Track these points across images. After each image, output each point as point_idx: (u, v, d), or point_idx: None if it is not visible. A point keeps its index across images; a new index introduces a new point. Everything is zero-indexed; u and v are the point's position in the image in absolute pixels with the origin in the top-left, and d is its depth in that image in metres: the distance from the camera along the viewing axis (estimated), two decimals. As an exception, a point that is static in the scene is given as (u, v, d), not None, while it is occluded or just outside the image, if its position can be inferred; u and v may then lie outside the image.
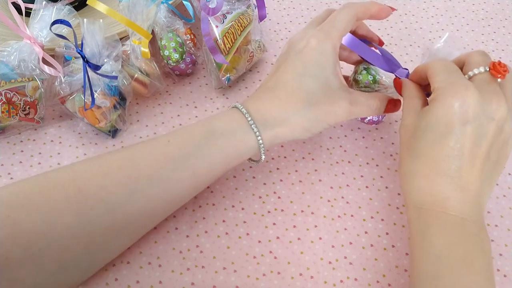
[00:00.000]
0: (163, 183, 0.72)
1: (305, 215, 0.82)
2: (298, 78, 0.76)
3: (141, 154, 0.74)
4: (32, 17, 0.86)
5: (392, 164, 0.88)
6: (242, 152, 0.76)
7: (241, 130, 0.75)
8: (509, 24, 1.11)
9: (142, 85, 0.91)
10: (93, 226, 0.68)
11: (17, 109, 0.85)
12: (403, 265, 0.77)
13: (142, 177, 0.71)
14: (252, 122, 0.75)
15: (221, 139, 0.75)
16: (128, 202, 0.70)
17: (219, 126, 0.76)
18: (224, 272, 0.76)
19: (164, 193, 0.73)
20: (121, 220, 0.70)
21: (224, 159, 0.75)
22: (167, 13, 0.93)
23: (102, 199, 0.69)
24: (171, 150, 0.74)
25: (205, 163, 0.74)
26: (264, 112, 0.76)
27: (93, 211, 0.68)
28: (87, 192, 0.68)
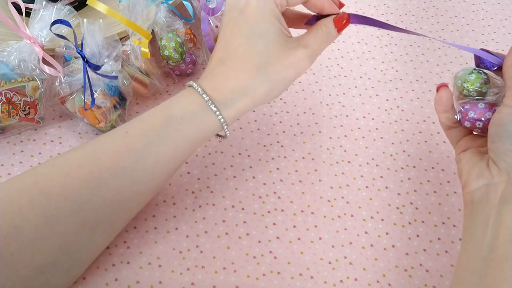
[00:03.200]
0: (127, 174, 0.70)
1: (305, 215, 0.82)
2: (246, 41, 0.73)
3: (100, 149, 0.72)
4: (32, 17, 0.86)
5: (392, 164, 0.88)
6: (206, 133, 0.74)
7: (201, 112, 0.73)
8: (509, 24, 1.11)
9: (142, 85, 0.91)
10: (62, 226, 0.67)
11: (17, 109, 0.85)
12: (403, 265, 0.78)
13: (105, 170, 0.69)
14: (211, 102, 0.72)
15: (181, 124, 0.72)
16: (94, 197, 0.69)
17: (177, 110, 0.73)
18: (224, 272, 0.76)
19: (132, 184, 0.71)
20: (92, 216, 0.69)
21: (188, 143, 0.73)
22: (167, 13, 0.93)
23: (65, 198, 0.67)
24: (131, 141, 0.72)
25: (169, 150, 0.72)
26: (221, 89, 0.73)
27: (58, 211, 0.67)
28: (49, 193, 0.68)
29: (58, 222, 0.67)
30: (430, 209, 0.83)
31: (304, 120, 0.94)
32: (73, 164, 0.71)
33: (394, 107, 0.96)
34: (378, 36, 1.08)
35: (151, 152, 0.71)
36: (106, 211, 0.70)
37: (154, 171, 0.72)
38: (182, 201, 0.83)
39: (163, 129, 0.72)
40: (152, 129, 0.72)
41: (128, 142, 0.72)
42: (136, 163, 0.70)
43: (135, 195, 0.73)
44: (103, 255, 0.77)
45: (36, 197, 0.67)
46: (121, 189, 0.70)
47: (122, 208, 0.72)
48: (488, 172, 0.64)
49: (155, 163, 0.72)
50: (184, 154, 0.74)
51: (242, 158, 0.89)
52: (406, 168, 0.88)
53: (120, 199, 0.71)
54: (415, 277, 0.77)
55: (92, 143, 0.74)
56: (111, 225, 0.73)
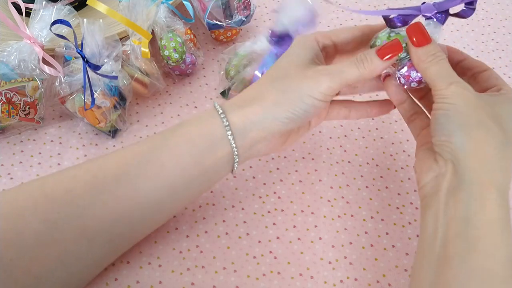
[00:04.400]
0: (130, 181, 0.69)
1: (305, 215, 0.82)
2: (277, 62, 0.75)
3: (109, 155, 0.72)
4: (32, 17, 0.86)
5: (392, 164, 0.88)
6: (211, 140, 0.71)
7: (208, 116, 0.72)
8: (509, 24, 1.11)
9: (142, 85, 0.91)
10: (62, 233, 0.66)
11: (17, 109, 0.85)
12: (403, 265, 0.78)
13: (109, 176, 0.69)
14: (218, 106, 0.72)
15: (186, 127, 0.72)
16: (96, 204, 0.68)
17: (188, 119, 0.74)
18: (224, 272, 0.76)
19: (133, 192, 0.69)
20: (92, 225, 0.68)
21: (192, 150, 0.71)
22: (167, 13, 0.93)
23: (68, 202, 0.67)
24: (138, 147, 0.72)
25: (171, 154, 0.71)
26: (236, 99, 0.74)
27: (60, 215, 0.66)
28: (53, 196, 0.67)
29: (58, 229, 0.66)
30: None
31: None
32: (81, 169, 0.71)
33: (394, 107, 0.96)
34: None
35: (155, 156, 0.70)
36: (106, 221, 0.69)
37: (157, 179, 0.70)
38: (182, 201, 0.83)
39: (169, 133, 0.72)
40: (160, 135, 0.73)
41: (136, 148, 0.72)
42: (139, 168, 0.70)
43: (137, 206, 0.70)
44: (103, 255, 0.77)
45: (40, 200, 0.67)
46: (123, 198, 0.69)
47: (122, 220, 0.70)
48: (436, 164, 0.64)
49: (158, 169, 0.70)
50: (186, 164, 0.71)
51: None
52: (406, 168, 0.88)
53: (121, 210, 0.69)
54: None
55: (105, 154, 0.74)
56: (110, 239, 0.71)
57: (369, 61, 0.69)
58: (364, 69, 0.69)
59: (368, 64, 0.69)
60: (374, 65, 0.69)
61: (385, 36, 0.71)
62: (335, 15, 1.11)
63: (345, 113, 0.80)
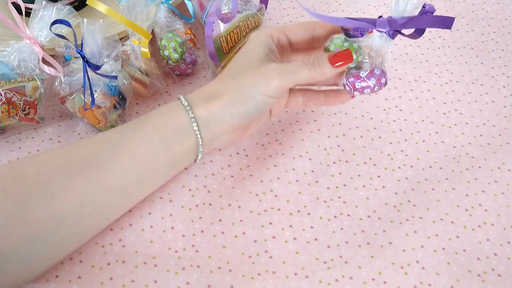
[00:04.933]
0: (101, 166, 0.72)
1: (301, 215, 0.82)
2: (234, 59, 0.81)
3: (81, 141, 0.76)
4: (32, 17, 0.86)
5: (389, 164, 0.89)
6: (178, 130, 0.76)
7: (175, 109, 0.77)
8: (509, 24, 1.11)
9: (142, 85, 0.92)
10: (31, 214, 0.68)
11: (17, 109, 0.86)
12: (400, 262, 0.78)
13: (81, 160, 0.72)
14: (184, 100, 0.77)
15: (155, 118, 0.77)
16: (66, 187, 0.70)
17: (155, 110, 0.80)
18: (219, 272, 0.77)
19: (104, 176, 0.72)
20: (61, 207, 0.69)
21: (162, 139, 0.76)
22: (167, 13, 0.93)
23: (39, 184, 0.69)
24: (110, 134, 0.77)
25: (142, 143, 0.75)
26: (198, 93, 0.79)
27: (29, 197, 0.68)
28: (23, 178, 0.69)
29: (28, 210, 0.68)
30: (428, 206, 0.84)
31: (303, 118, 0.95)
32: (52, 153, 0.74)
33: (393, 107, 0.96)
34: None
35: (126, 144, 0.74)
36: (76, 203, 0.70)
37: (128, 166, 0.74)
38: (179, 199, 0.83)
39: (139, 123, 0.77)
40: (130, 124, 0.77)
41: (108, 135, 0.76)
42: (111, 154, 0.73)
43: (106, 189, 0.73)
44: (98, 254, 0.77)
45: (9, 181, 0.69)
46: (94, 181, 0.72)
47: (91, 203, 0.72)
48: None
49: (129, 156, 0.74)
50: (157, 152, 0.76)
51: (240, 158, 0.89)
52: (403, 167, 0.88)
53: (90, 192, 0.71)
54: (411, 275, 0.77)
55: (79, 140, 0.78)
56: (78, 221, 0.72)
57: (321, 65, 0.74)
58: (314, 72, 0.75)
59: (320, 68, 0.74)
60: (325, 70, 0.74)
61: (339, 43, 0.76)
62: (286, 12, 1.13)
63: (304, 101, 0.85)
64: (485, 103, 0.97)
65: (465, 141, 0.92)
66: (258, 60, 0.77)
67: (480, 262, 0.79)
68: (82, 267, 0.76)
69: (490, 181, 0.87)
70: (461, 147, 0.91)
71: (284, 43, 0.82)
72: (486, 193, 0.86)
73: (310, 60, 0.74)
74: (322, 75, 0.75)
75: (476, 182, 0.87)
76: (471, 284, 0.77)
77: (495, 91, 0.99)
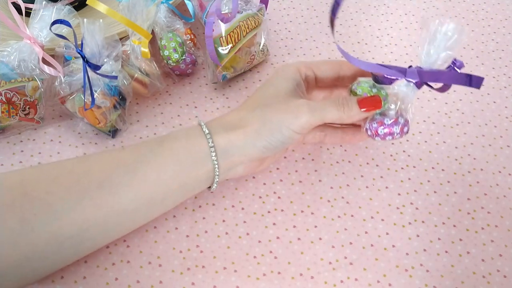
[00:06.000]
0: (112, 189, 0.70)
1: (305, 215, 0.82)
2: (258, 90, 0.79)
3: (94, 159, 0.74)
4: (32, 17, 0.86)
5: (392, 164, 0.88)
6: (195, 158, 0.74)
7: (195, 135, 0.75)
8: (509, 24, 1.11)
9: (142, 85, 0.91)
10: (36, 234, 0.67)
11: (17, 109, 0.85)
12: (404, 265, 0.78)
13: (92, 181, 0.70)
14: (205, 127, 0.76)
15: (173, 143, 0.75)
16: (75, 209, 0.68)
17: (174, 132, 0.77)
18: (225, 272, 0.77)
19: (114, 202, 0.70)
20: (66, 229, 0.68)
21: (177, 165, 0.74)
22: (167, 13, 0.93)
23: (47, 205, 0.67)
24: (124, 155, 0.74)
25: (156, 168, 0.73)
26: (220, 121, 0.77)
27: (37, 217, 0.67)
28: (32, 196, 0.68)
29: (33, 230, 0.66)
30: (430, 209, 0.83)
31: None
32: (64, 170, 0.72)
33: (394, 107, 0.96)
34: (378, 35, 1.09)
35: (140, 167, 0.72)
36: (82, 226, 0.69)
37: (138, 190, 0.72)
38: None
39: (155, 145, 0.75)
40: (146, 146, 0.75)
41: (122, 156, 0.74)
42: (123, 177, 0.71)
43: (114, 213, 0.71)
44: (103, 254, 0.77)
45: (20, 198, 0.67)
46: (103, 205, 0.70)
47: (97, 226, 0.71)
48: None
49: (140, 181, 0.72)
50: (169, 178, 0.74)
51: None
52: (406, 168, 0.88)
53: (98, 216, 0.70)
54: (416, 277, 0.77)
55: (88, 155, 0.76)
56: (81, 242, 0.71)
57: (350, 107, 0.74)
58: (343, 113, 0.74)
59: (348, 109, 0.74)
60: (353, 112, 0.74)
61: (367, 88, 0.76)
62: (286, 12, 1.13)
63: (321, 137, 0.84)
64: (486, 103, 0.97)
65: (467, 142, 0.92)
66: (286, 95, 0.76)
67: (485, 263, 0.78)
68: (87, 268, 0.76)
69: (492, 184, 0.87)
70: (463, 148, 0.91)
71: (311, 80, 0.81)
72: (488, 196, 0.86)
73: (340, 101, 0.74)
74: (350, 117, 0.74)
75: (478, 186, 0.87)
76: (476, 286, 0.76)
77: (496, 92, 0.99)
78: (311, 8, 1.13)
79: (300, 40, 1.07)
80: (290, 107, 0.74)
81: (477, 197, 0.85)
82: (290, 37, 1.07)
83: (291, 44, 1.06)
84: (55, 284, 0.75)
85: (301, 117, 0.73)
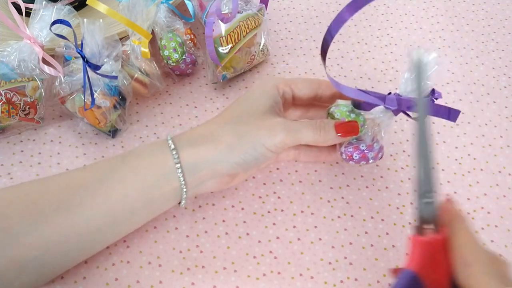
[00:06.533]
0: (71, 211, 0.68)
1: (305, 216, 0.82)
2: (234, 104, 0.78)
3: (53, 180, 0.71)
4: (32, 17, 0.86)
5: (392, 164, 0.88)
6: (159, 176, 0.72)
7: (160, 152, 0.73)
8: (509, 24, 1.11)
9: (142, 85, 0.91)
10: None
11: (17, 109, 0.85)
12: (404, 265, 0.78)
13: (49, 204, 0.68)
14: (171, 141, 0.73)
15: (136, 161, 0.72)
16: (33, 232, 0.66)
17: (138, 149, 0.75)
18: (225, 272, 0.77)
19: (73, 221, 0.68)
20: (26, 253, 0.66)
21: (139, 183, 0.71)
22: (167, 13, 0.93)
23: (2, 229, 0.66)
24: (84, 175, 0.72)
25: (118, 187, 0.70)
26: (190, 134, 0.75)
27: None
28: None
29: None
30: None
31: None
32: (21, 192, 0.70)
33: (394, 107, 0.96)
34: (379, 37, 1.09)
35: (101, 188, 0.70)
36: (41, 249, 0.67)
37: (100, 210, 0.70)
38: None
39: (117, 164, 0.72)
40: (108, 165, 0.73)
41: (82, 176, 0.72)
42: (83, 198, 0.69)
43: (75, 234, 0.69)
44: (103, 255, 0.77)
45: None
46: (62, 227, 0.68)
47: (57, 248, 0.69)
48: None
49: (102, 201, 0.70)
50: (133, 198, 0.71)
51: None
52: (406, 168, 0.88)
53: (59, 239, 0.68)
54: (416, 277, 0.77)
55: (47, 177, 0.73)
56: (41, 266, 0.69)
57: (326, 131, 0.74)
58: (319, 136, 0.73)
59: (325, 133, 0.74)
60: (329, 136, 0.74)
61: (345, 112, 0.76)
62: (286, 12, 1.13)
63: (295, 155, 0.83)
64: (486, 103, 0.97)
65: (467, 142, 0.92)
66: (262, 111, 0.75)
67: (485, 262, 0.78)
68: (87, 268, 0.76)
69: (492, 184, 0.87)
70: (463, 148, 0.91)
71: (288, 96, 0.80)
72: (488, 196, 0.86)
73: (317, 124, 0.74)
74: (326, 141, 0.74)
75: (477, 186, 0.87)
76: (476, 285, 0.76)
77: (497, 92, 0.99)
78: (311, 8, 1.13)
79: (300, 40, 1.07)
80: (266, 124, 0.73)
81: (477, 197, 0.85)
82: (290, 37, 1.07)
83: (291, 44, 1.06)
84: (55, 284, 0.75)
85: (276, 135, 0.72)
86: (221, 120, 0.75)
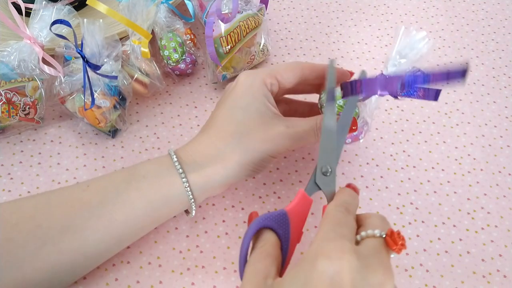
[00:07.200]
0: (76, 234, 0.67)
1: (305, 215, 0.82)
2: (229, 112, 0.75)
3: (56, 200, 0.70)
4: (32, 17, 0.86)
5: (392, 164, 0.88)
6: (168, 197, 0.72)
7: (165, 172, 0.72)
8: (509, 24, 1.11)
9: (142, 85, 0.91)
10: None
11: (17, 109, 0.85)
12: (404, 265, 0.78)
13: (54, 227, 0.67)
14: (178, 163, 0.72)
15: (142, 183, 0.71)
16: (38, 256, 0.66)
17: (142, 169, 0.73)
18: (225, 272, 0.76)
19: (79, 246, 0.68)
20: (31, 276, 0.66)
21: (146, 205, 0.71)
22: (167, 13, 0.93)
23: (8, 252, 0.65)
24: (88, 196, 0.70)
25: (124, 210, 0.70)
26: (193, 152, 0.74)
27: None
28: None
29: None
30: (430, 209, 0.83)
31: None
32: (24, 214, 0.69)
33: (394, 107, 0.96)
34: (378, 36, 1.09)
35: (105, 210, 0.69)
36: (47, 272, 0.67)
37: (105, 233, 0.69)
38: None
39: (122, 185, 0.71)
40: (112, 185, 0.71)
41: (85, 196, 0.70)
42: (88, 221, 0.68)
43: (82, 258, 0.69)
44: (103, 255, 0.77)
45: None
46: (67, 250, 0.67)
47: (64, 270, 0.69)
48: None
49: (106, 224, 0.69)
50: (140, 219, 0.72)
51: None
52: (406, 168, 0.88)
53: (65, 261, 0.68)
54: (416, 277, 0.77)
55: (50, 192, 0.72)
56: (50, 285, 0.69)
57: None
58: (316, 134, 0.76)
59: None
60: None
61: (340, 106, 0.77)
62: (286, 12, 1.13)
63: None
64: (486, 103, 0.97)
65: (467, 142, 0.92)
66: (260, 118, 0.74)
67: (485, 263, 0.78)
68: (88, 268, 0.76)
69: (492, 184, 0.87)
70: (463, 148, 0.91)
71: (275, 88, 0.79)
72: (488, 196, 0.86)
73: (318, 125, 0.75)
74: None
75: (478, 186, 0.87)
76: (476, 286, 0.76)
77: (497, 92, 0.99)
78: (311, 8, 1.13)
79: (300, 40, 1.07)
80: (269, 136, 0.73)
81: (477, 197, 0.85)
82: (290, 37, 1.07)
83: (291, 44, 1.06)
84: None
85: (282, 145, 0.74)
86: (225, 135, 0.74)
